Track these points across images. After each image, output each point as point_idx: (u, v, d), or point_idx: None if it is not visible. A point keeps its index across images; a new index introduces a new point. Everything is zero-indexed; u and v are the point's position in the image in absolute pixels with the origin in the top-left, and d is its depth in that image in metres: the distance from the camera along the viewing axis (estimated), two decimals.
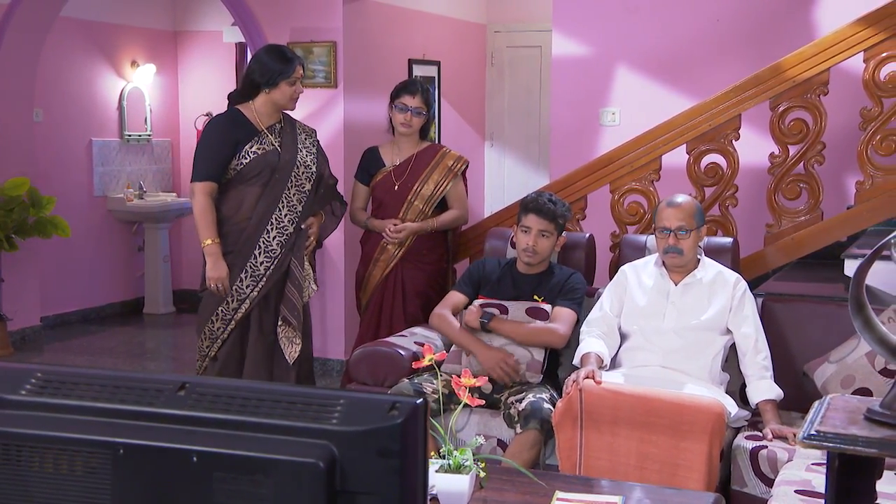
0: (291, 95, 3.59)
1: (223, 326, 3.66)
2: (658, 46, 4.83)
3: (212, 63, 7.27)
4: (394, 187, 3.99)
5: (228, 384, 1.15)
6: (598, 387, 2.97)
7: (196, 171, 3.58)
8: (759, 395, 3.15)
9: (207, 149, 3.59)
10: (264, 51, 3.68)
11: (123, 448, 1.05)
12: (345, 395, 1.10)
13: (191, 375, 1.20)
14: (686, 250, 3.24)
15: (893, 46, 3.57)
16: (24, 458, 1.07)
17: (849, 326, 3.26)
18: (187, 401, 1.10)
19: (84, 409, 1.10)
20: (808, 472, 2.73)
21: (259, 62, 3.59)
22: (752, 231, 4.05)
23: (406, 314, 3.95)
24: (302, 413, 1.07)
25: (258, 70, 3.56)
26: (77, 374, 1.16)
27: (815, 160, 3.73)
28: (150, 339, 6.49)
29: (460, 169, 4.02)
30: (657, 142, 3.94)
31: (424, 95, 3.95)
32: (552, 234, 3.44)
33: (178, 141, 7.43)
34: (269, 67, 3.54)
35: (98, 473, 1.06)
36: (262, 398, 1.09)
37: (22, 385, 1.13)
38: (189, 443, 1.05)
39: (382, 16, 5.63)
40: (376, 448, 1.03)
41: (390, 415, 1.05)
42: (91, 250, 6.74)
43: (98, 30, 6.75)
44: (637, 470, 2.93)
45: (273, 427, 1.06)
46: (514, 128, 7.04)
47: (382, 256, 3.98)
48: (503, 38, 6.99)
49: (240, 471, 1.03)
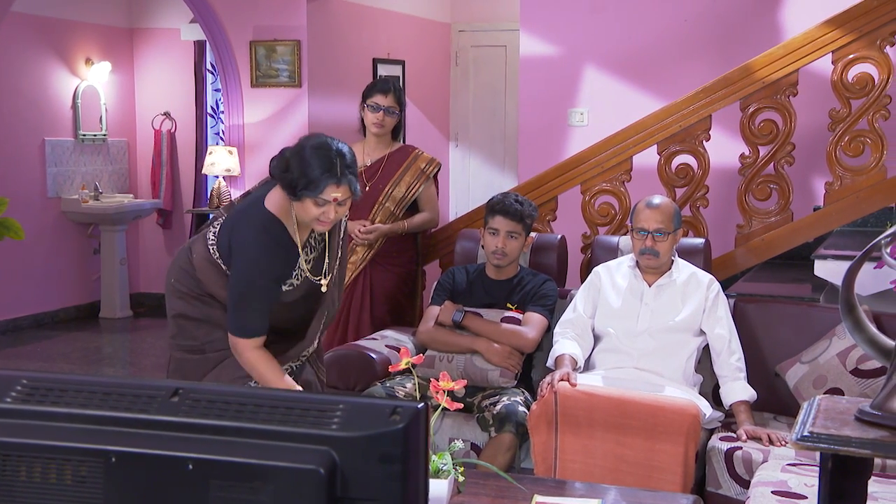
0: (318, 216, 2.51)
1: None
2: (626, 46, 4.83)
3: (169, 61, 7.13)
4: (364, 188, 3.91)
5: (223, 390, 1.12)
6: (573, 389, 2.96)
7: (240, 323, 2.59)
8: (733, 396, 3.15)
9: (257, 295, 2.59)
10: (311, 148, 2.51)
11: (116, 456, 1.03)
12: (344, 399, 1.08)
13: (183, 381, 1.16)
14: (662, 253, 3.22)
15: (861, 48, 3.60)
16: (10, 468, 1.04)
17: (820, 327, 3.32)
18: (181, 407, 1.07)
19: (74, 417, 1.07)
20: (783, 472, 2.73)
21: (296, 159, 2.50)
22: (722, 232, 4.06)
23: (373, 317, 3.89)
24: (300, 418, 1.05)
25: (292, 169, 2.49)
26: (65, 381, 1.12)
27: (784, 161, 3.75)
28: (106, 345, 6.32)
29: (433, 172, 3.97)
30: (628, 142, 3.93)
31: (397, 94, 3.88)
32: (520, 235, 3.43)
33: (134, 141, 7.27)
34: (293, 171, 2.48)
35: (89, 482, 1.03)
36: (259, 404, 1.07)
37: (7, 392, 1.09)
38: (184, 450, 1.03)
39: (347, 14, 5.56)
40: (378, 454, 1.02)
41: (392, 419, 1.03)
42: (44, 253, 6.55)
43: (50, 26, 6.57)
44: (612, 472, 2.92)
45: (271, 433, 1.04)
46: (479, 128, 7.01)
47: (352, 258, 3.91)
48: (468, 37, 6.95)
49: (237, 478, 1.01)
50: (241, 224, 2.60)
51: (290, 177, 2.49)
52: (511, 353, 3.29)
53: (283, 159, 2.54)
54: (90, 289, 6.91)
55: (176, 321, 2.76)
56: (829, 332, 3.21)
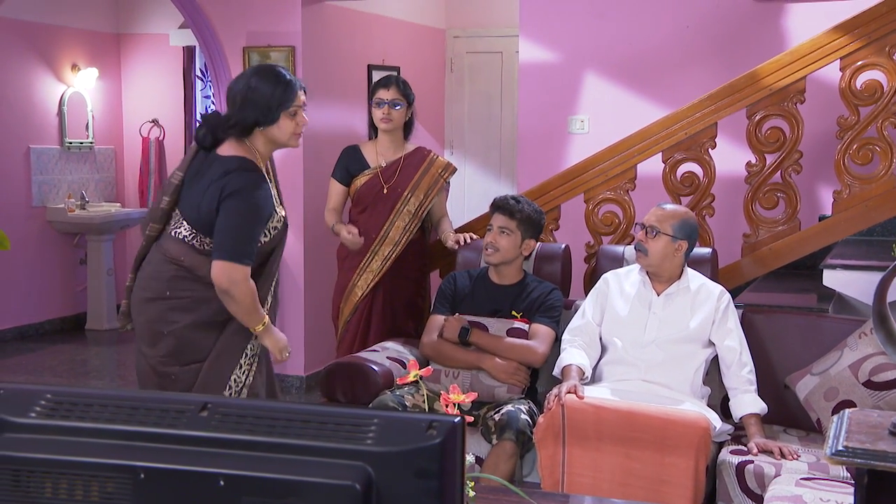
0: (294, 130, 2.75)
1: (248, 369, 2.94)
2: (627, 53, 4.78)
3: (157, 68, 7.03)
4: (382, 190, 3.84)
5: (252, 405, 1.11)
6: (581, 402, 2.91)
7: (239, 250, 2.67)
8: (743, 408, 3.11)
9: (256, 224, 2.71)
10: (254, 75, 2.75)
11: (144, 472, 1.01)
12: (378, 414, 1.06)
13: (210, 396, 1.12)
14: (651, 252, 3.17)
15: (870, 55, 3.56)
16: (35, 484, 1.02)
17: (830, 338, 3.27)
18: (210, 422, 1.05)
19: (100, 432, 1.05)
20: (798, 486, 2.69)
21: (249, 91, 2.71)
22: (728, 241, 4.01)
23: (396, 326, 3.82)
24: (334, 434, 1.03)
25: (248, 102, 2.70)
26: (90, 396, 1.09)
27: (792, 169, 3.70)
28: (94, 357, 6.19)
29: (448, 177, 3.92)
30: (632, 150, 3.87)
31: (400, 86, 3.82)
32: (513, 233, 3.40)
33: (122, 149, 7.15)
34: (264, 97, 2.69)
35: (116, 499, 1.01)
36: (291, 419, 1.05)
37: (30, 407, 1.08)
38: (215, 466, 1.01)
39: (341, 20, 5.48)
40: (414, 469, 1.00)
41: (428, 434, 1.01)
42: (29, 263, 6.42)
43: (36, 31, 6.45)
44: (621, 486, 2.88)
45: (304, 448, 1.02)
46: (475, 135, 6.94)
47: (370, 266, 3.82)
48: (463, 43, 6.89)
49: (271, 494, 0.99)
50: (231, 181, 2.68)
51: (257, 108, 2.69)
52: (517, 369, 3.24)
53: (237, 104, 2.71)
54: (76, 300, 6.78)
55: (177, 335, 2.72)
56: (840, 343, 3.16)
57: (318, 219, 4.96)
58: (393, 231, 3.80)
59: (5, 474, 1.03)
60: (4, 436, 1.06)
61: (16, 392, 1.10)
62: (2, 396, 1.09)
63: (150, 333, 2.75)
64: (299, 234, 5.12)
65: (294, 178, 5.09)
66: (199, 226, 2.72)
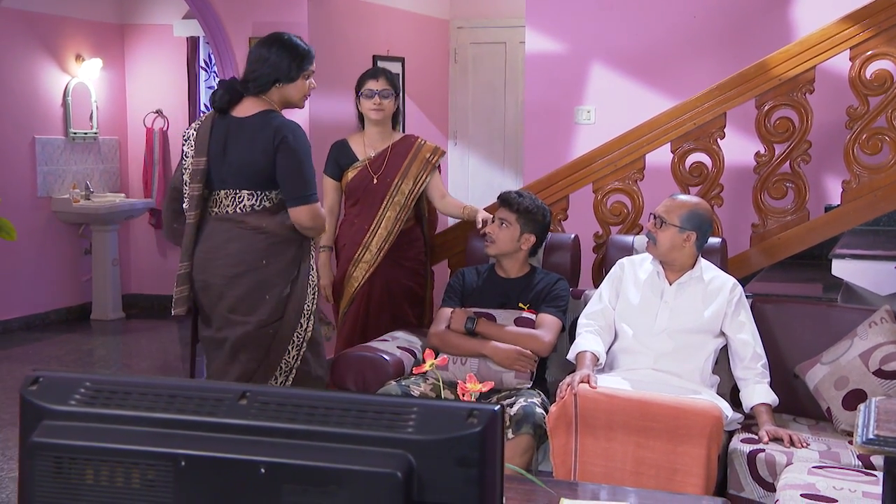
0: (306, 91, 3.12)
1: (297, 353, 3.15)
2: (633, 43, 4.78)
3: (161, 58, 7.01)
4: (372, 181, 3.82)
5: (291, 393, 1.10)
6: (593, 391, 2.91)
7: (309, 189, 3.01)
8: (755, 398, 3.11)
9: (310, 161, 3.06)
10: (275, 42, 3.07)
11: (185, 460, 1.02)
12: (418, 402, 1.06)
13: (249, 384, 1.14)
14: (659, 242, 3.18)
15: (880, 44, 3.56)
16: (76, 471, 1.03)
17: (840, 327, 3.28)
18: (250, 410, 1.05)
19: (140, 420, 1.05)
20: (810, 475, 2.69)
21: (273, 54, 3.02)
22: (737, 231, 4.01)
23: (395, 315, 3.81)
24: (374, 422, 1.03)
25: (272, 62, 3.01)
26: (128, 384, 1.09)
27: (801, 159, 3.70)
28: (99, 347, 6.20)
29: (437, 161, 3.89)
30: (641, 140, 3.87)
31: (388, 77, 3.81)
32: (512, 225, 3.42)
33: (126, 139, 7.14)
34: (287, 59, 3.03)
35: (158, 487, 1.02)
36: (330, 407, 1.05)
37: (70, 395, 1.08)
38: (256, 454, 1.01)
39: (347, 10, 5.48)
40: (455, 457, 1.00)
41: (469, 422, 1.01)
42: (34, 254, 6.42)
43: (40, 21, 6.43)
44: (633, 475, 2.87)
45: (344, 436, 1.02)
46: (479, 126, 6.93)
47: (365, 256, 3.82)
48: (467, 34, 6.87)
49: (312, 482, 1.00)
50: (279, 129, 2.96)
51: (280, 68, 3.00)
52: (520, 355, 3.24)
53: (262, 61, 3.01)
54: (81, 290, 6.78)
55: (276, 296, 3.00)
56: (851, 332, 3.16)
57: (324, 207, 4.97)
58: (385, 220, 3.78)
59: (47, 461, 1.04)
60: (45, 423, 1.06)
61: (55, 380, 1.10)
62: (41, 384, 1.09)
63: (249, 303, 3.00)
64: None
65: None
66: (261, 184, 2.98)
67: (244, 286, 2.99)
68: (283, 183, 2.97)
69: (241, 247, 2.99)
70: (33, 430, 1.05)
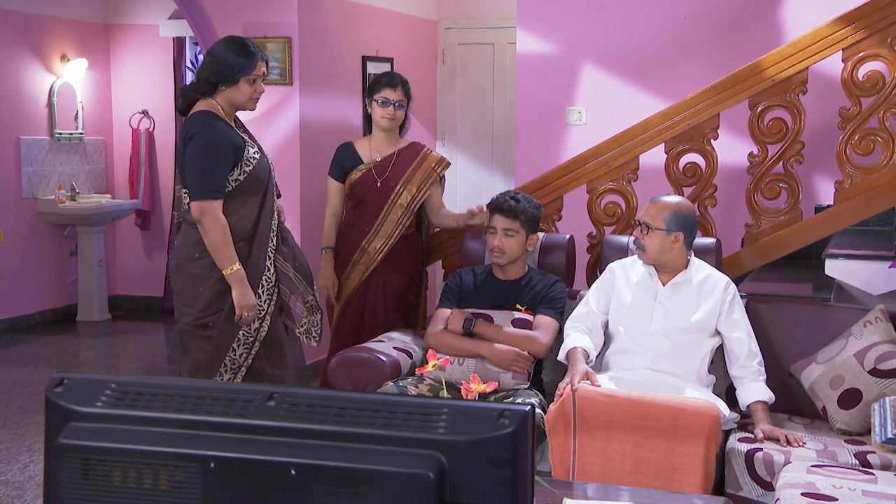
0: (252, 95, 3.19)
1: (246, 352, 3.24)
2: (624, 44, 4.79)
3: (147, 58, 6.96)
4: (375, 185, 3.82)
5: (320, 394, 1.10)
6: (592, 391, 2.92)
7: (203, 187, 3.07)
8: (751, 396, 3.13)
9: (215, 157, 3.09)
10: (223, 43, 3.24)
11: (215, 461, 1.01)
12: (449, 403, 1.06)
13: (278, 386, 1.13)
14: (649, 249, 3.19)
15: (872, 46, 3.59)
16: (103, 472, 1.03)
17: (834, 326, 3.30)
18: (279, 411, 1.05)
19: (167, 422, 1.05)
20: (809, 474, 2.70)
21: (216, 56, 3.17)
22: (730, 231, 4.03)
23: (387, 319, 3.80)
24: (405, 423, 1.03)
25: (214, 64, 3.15)
26: (155, 385, 1.09)
27: (794, 159, 3.72)
28: (86, 349, 6.14)
29: (442, 171, 3.91)
30: (635, 141, 3.88)
31: (405, 88, 3.82)
32: (518, 233, 3.41)
33: (111, 140, 7.08)
34: (228, 62, 3.13)
35: (187, 488, 1.02)
36: (360, 408, 1.05)
37: (96, 397, 1.08)
38: (286, 455, 1.01)
39: (336, 11, 5.46)
40: (487, 458, 1.00)
41: (500, 423, 1.02)
42: (19, 255, 6.35)
43: (25, 21, 6.36)
44: (632, 475, 2.88)
45: (375, 437, 1.02)
46: (466, 127, 6.93)
47: (363, 259, 3.81)
48: (455, 34, 6.87)
49: (343, 484, 0.99)
50: (187, 125, 3.14)
51: (221, 71, 3.12)
52: (517, 356, 3.24)
53: (205, 66, 3.17)
54: (67, 291, 6.72)
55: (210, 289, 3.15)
56: (845, 331, 3.19)
57: (314, 209, 4.95)
58: (386, 224, 3.78)
59: (75, 463, 1.03)
60: (72, 425, 1.05)
61: (80, 382, 1.09)
62: (66, 386, 1.09)
63: (187, 295, 3.18)
64: (296, 223, 5.09)
65: (291, 169, 5.06)
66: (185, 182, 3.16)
67: (182, 279, 3.20)
68: (185, 175, 3.14)
69: (181, 241, 3.23)
70: (59, 432, 1.05)
